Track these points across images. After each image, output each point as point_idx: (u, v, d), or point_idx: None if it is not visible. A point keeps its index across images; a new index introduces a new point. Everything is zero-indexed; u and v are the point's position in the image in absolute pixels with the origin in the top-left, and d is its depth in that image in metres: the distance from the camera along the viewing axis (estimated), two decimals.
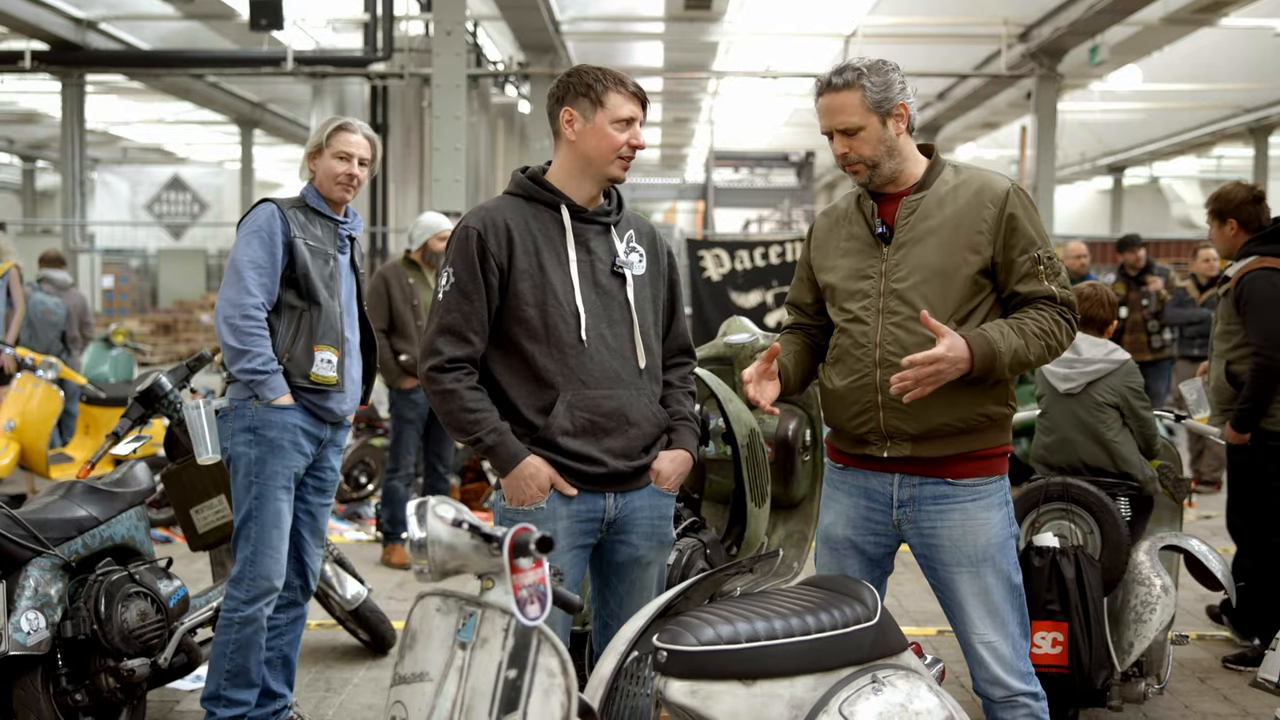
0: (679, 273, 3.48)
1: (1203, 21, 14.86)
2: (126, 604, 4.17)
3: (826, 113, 3.18)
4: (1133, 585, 4.43)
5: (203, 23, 16.83)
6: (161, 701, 4.86)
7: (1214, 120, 21.64)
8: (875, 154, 3.15)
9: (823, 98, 3.19)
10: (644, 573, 3.32)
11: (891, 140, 3.16)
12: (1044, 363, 3.15)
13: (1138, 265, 10.03)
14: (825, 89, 3.18)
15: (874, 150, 3.15)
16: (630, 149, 3.21)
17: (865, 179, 3.19)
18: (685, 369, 3.46)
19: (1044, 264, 3.12)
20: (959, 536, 3.16)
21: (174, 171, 30.58)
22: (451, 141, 11.51)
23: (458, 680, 2.41)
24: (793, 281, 3.49)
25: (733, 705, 2.64)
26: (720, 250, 12.16)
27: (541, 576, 2.37)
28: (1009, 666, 3.17)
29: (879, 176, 3.19)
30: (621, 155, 3.20)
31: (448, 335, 3.14)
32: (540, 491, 3.14)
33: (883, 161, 3.16)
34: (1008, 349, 3.04)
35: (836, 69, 3.18)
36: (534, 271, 3.17)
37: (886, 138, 3.15)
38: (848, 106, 3.13)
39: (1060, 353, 3.17)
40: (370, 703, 4.90)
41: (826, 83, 3.17)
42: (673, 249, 3.47)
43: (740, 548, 4.58)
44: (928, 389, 3.00)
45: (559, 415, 3.14)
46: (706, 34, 17.13)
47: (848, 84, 3.13)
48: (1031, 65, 16.01)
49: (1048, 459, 4.73)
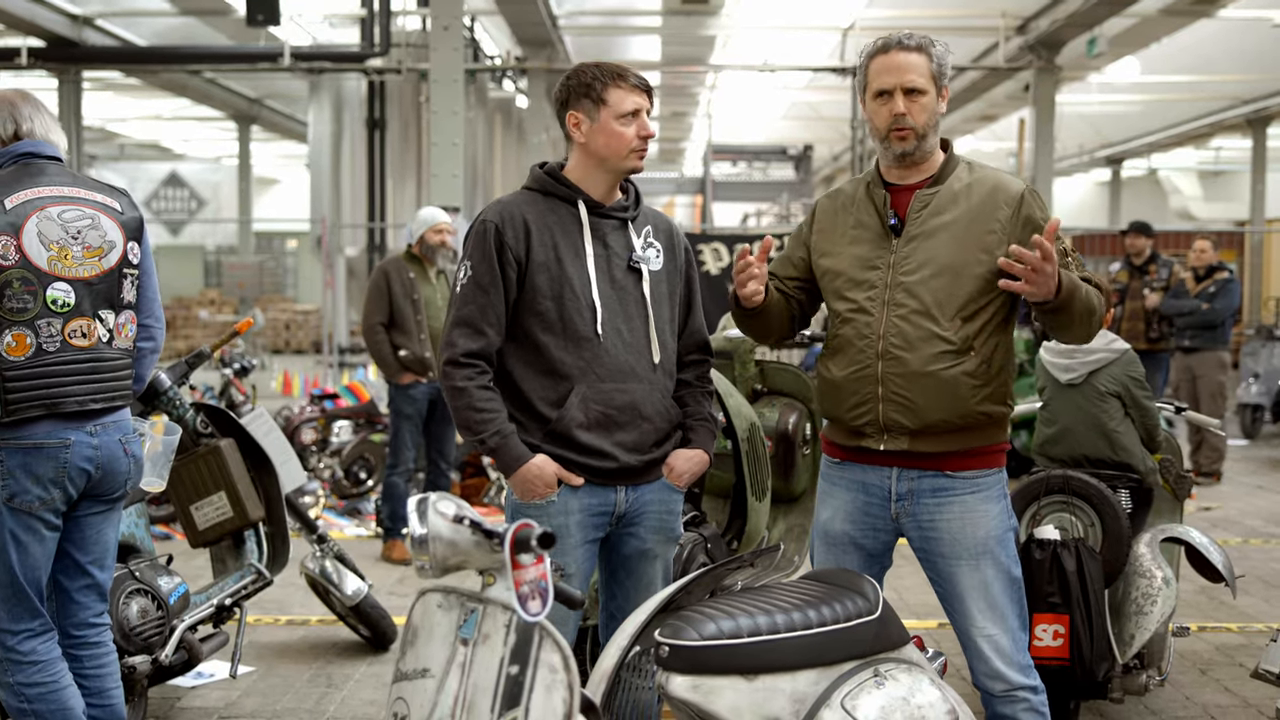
0: (696, 269, 3.48)
1: (1201, 13, 14.83)
2: (127, 601, 4.17)
3: (894, 70, 3.11)
4: (1134, 577, 4.43)
5: (199, 18, 16.80)
6: (162, 699, 4.86)
7: (1212, 112, 21.59)
8: (928, 122, 3.12)
9: (887, 55, 3.13)
10: (650, 566, 3.33)
11: (938, 115, 3.15)
12: (1089, 324, 3.08)
13: (1142, 254, 10.01)
14: (895, 47, 3.12)
15: (928, 118, 3.12)
16: (641, 140, 3.20)
17: (910, 147, 3.12)
18: (703, 367, 3.45)
19: (1070, 255, 3.12)
20: (958, 529, 3.16)
21: (171, 168, 30.58)
22: (449, 136, 11.50)
23: (459, 676, 2.41)
24: (780, 255, 3.43)
25: (735, 700, 2.64)
26: (719, 244, 12.13)
27: (543, 572, 2.37)
28: (1009, 660, 3.16)
29: (921, 149, 3.14)
30: (634, 149, 3.20)
31: (463, 328, 3.17)
32: (548, 488, 3.16)
33: (929, 134, 3.14)
34: (1080, 287, 3.01)
35: (903, 33, 3.14)
36: (551, 265, 3.18)
37: (937, 111, 3.14)
38: (917, 66, 3.10)
39: (1098, 327, 3.13)
40: (371, 699, 4.90)
41: (897, 41, 3.13)
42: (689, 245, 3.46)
43: (741, 542, 4.58)
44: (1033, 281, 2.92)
45: (573, 407, 3.17)
46: (704, 28, 17.10)
47: (919, 47, 3.12)
48: (1029, 58, 15.99)
49: (1049, 451, 4.72)
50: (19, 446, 3.38)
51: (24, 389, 3.37)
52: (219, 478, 4.60)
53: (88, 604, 3.61)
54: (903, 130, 3.11)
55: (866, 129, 3.45)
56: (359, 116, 16.19)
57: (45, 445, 3.41)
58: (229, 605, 4.61)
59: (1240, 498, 9.42)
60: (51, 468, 3.42)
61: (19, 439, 3.38)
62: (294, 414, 9.07)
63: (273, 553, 4.76)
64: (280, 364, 19.75)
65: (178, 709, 4.79)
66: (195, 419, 4.65)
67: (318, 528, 5.28)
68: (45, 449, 3.41)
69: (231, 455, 4.60)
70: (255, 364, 7.67)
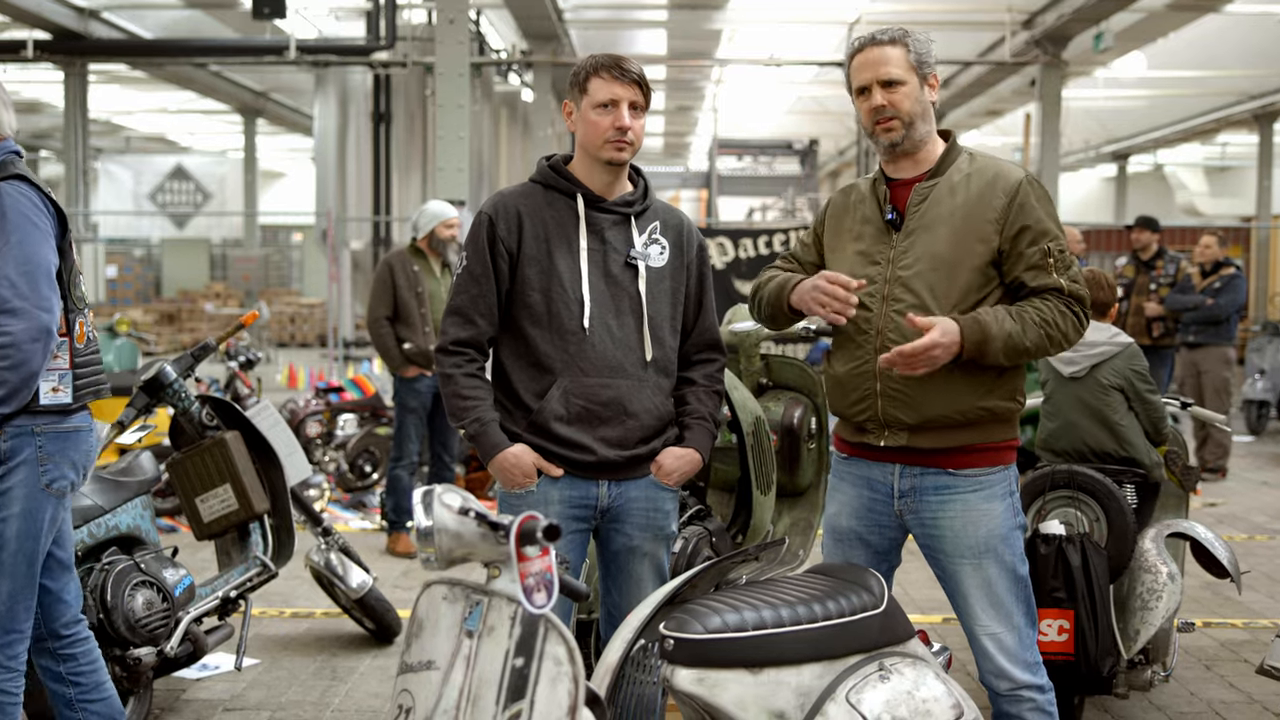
0: (709, 267, 3.47)
1: (1208, 8, 14.81)
2: (132, 593, 4.18)
3: (868, 65, 3.13)
4: (1139, 572, 4.42)
5: (205, 11, 16.82)
6: (168, 690, 4.87)
7: (1219, 107, 21.56)
8: (913, 110, 3.12)
9: (863, 53, 3.15)
10: (639, 564, 3.33)
11: (926, 103, 3.15)
12: (1044, 353, 3.09)
13: (1148, 249, 9.99)
14: (868, 44, 3.15)
15: (912, 105, 3.12)
16: (617, 131, 3.18)
17: (899, 137, 3.13)
18: (712, 366, 3.44)
19: (1054, 256, 3.08)
20: (960, 528, 3.14)
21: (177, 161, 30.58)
22: (455, 130, 11.51)
23: (465, 669, 2.41)
24: (799, 241, 3.46)
25: (739, 693, 2.64)
26: (724, 238, 12.13)
27: (548, 565, 2.36)
28: (1014, 658, 3.14)
29: (911, 138, 3.14)
30: (609, 139, 3.19)
31: (455, 316, 3.25)
32: (526, 477, 3.21)
33: (918, 122, 3.14)
34: (1000, 333, 3.00)
35: (878, 30, 3.16)
36: (541, 258, 3.21)
37: (923, 99, 3.14)
38: (892, 59, 3.11)
39: (1065, 345, 3.11)
40: (376, 691, 4.90)
41: (870, 39, 3.15)
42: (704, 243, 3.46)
43: (745, 536, 4.58)
44: (920, 370, 2.98)
45: (552, 400, 3.20)
46: (710, 21, 17.09)
47: (893, 40, 3.13)
48: (1036, 52, 15.97)
49: (1052, 445, 4.71)
50: (59, 431, 3.42)
51: (86, 375, 3.47)
52: (224, 470, 4.60)
53: (72, 601, 3.60)
54: (886, 122, 3.13)
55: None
56: (364, 110, 16.21)
57: (80, 429, 3.48)
58: (234, 598, 4.61)
59: (1245, 493, 9.40)
60: (83, 453, 3.49)
61: (60, 424, 3.42)
62: (299, 407, 9.08)
63: (278, 545, 4.77)
64: (285, 357, 19.77)
65: (183, 701, 4.80)
66: (201, 411, 4.65)
67: (322, 521, 5.28)
68: (80, 433, 3.48)
69: (237, 448, 4.61)
70: (260, 357, 7.68)
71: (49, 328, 3.28)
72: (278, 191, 35.36)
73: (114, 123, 27.48)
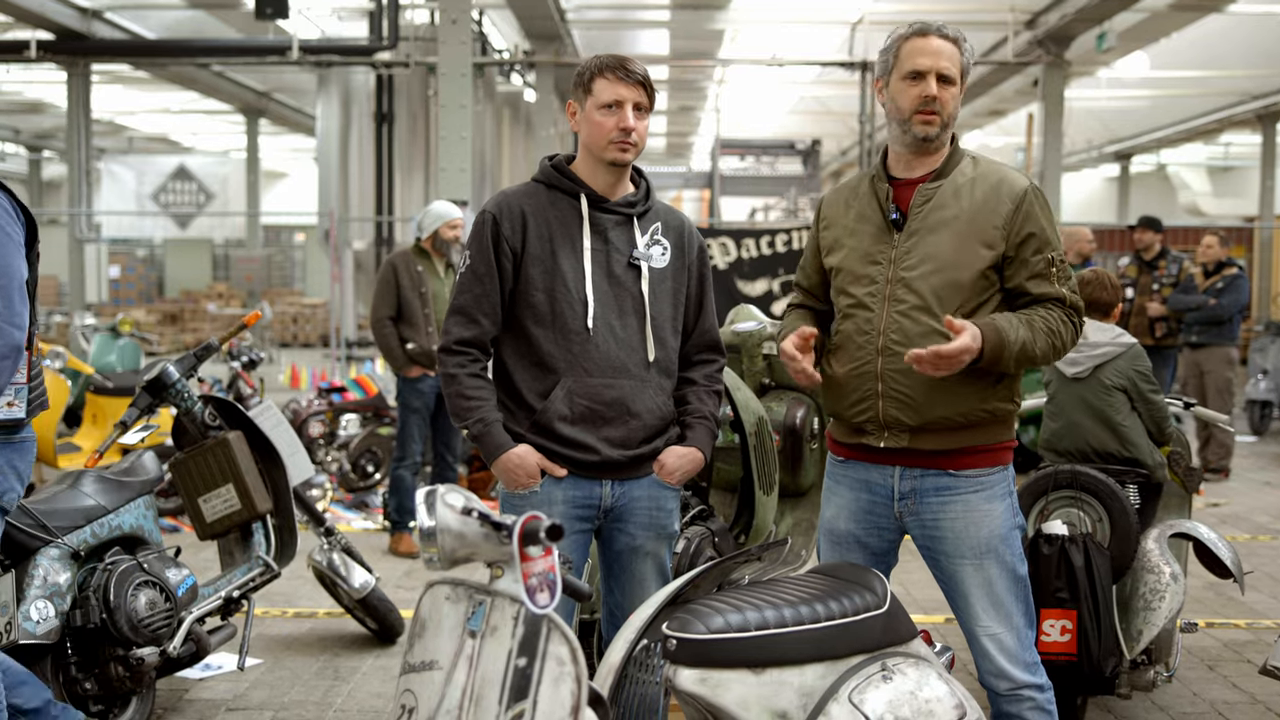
0: (709, 268, 3.47)
1: (1211, 7, 14.80)
2: (135, 593, 4.18)
3: (930, 53, 3.10)
4: (1142, 573, 4.42)
5: (208, 11, 16.83)
6: (170, 690, 4.87)
7: (1222, 107, 21.54)
8: (953, 112, 3.12)
9: (926, 39, 3.11)
10: (642, 563, 3.33)
11: (959, 107, 3.16)
12: (1048, 361, 3.12)
13: (1151, 249, 9.98)
14: (933, 32, 3.12)
15: (954, 107, 3.12)
16: (621, 132, 3.18)
17: (934, 132, 3.10)
18: (712, 366, 3.45)
19: (1056, 266, 3.10)
20: (961, 528, 3.14)
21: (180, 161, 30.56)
22: (457, 130, 11.51)
23: (467, 669, 2.41)
24: (801, 261, 3.45)
25: (742, 693, 2.64)
26: (726, 238, 12.12)
27: (551, 565, 2.36)
28: (1014, 658, 3.14)
29: (940, 138, 3.14)
30: (612, 140, 3.19)
31: (458, 316, 3.25)
32: (530, 478, 3.20)
33: (950, 123, 3.14)
34: (1016, 340, 3.01)
35: (939, 23, 3.15)
36: (545, 257, 3.21)
37: (959, 102, 3.15)
38: (952, 56, 3.11)
39: (1064, 353, 3.14)
40: (379, 691, 4.90)
41: (934, 27, 3.13)
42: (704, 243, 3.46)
43: (748, 536, 4.58)
44: (943, 372, 2.97)
45: (556, 400, 3.20)
46: (712, 21, 17.09)
47: (954, 38, 3.13)
48: (1038, 52, 15.96)
49: (1055, 445, 4.71)
50: (10, 444, 3.38)
51: (36, 389, 3.46)
52: (227, 470, 4.61)
53: None
54: (929, 114, 3.09)
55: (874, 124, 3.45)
56: (367, 110, 16.22)
57: (27, 440, 3.45)
58: (237, 597, 4.62)
59: (1248, 494, 9.40)
60: (28, 464, 3.46)
61: (11, 438, 3.39)
62: (301, 407, 9.08)
63: (280, 545, 4.77)
64: (288, 357, 19.78)
65: (185, 701, 4.80)
66: (203, 411, 4.66)
67: (325, 520, 5.28)
68: (27, 444, 3.45)
69: (239, 448, 4.61)
70: (263, 357, 7.69)
71: (20, 345, 3.19)
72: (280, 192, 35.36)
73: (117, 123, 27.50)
